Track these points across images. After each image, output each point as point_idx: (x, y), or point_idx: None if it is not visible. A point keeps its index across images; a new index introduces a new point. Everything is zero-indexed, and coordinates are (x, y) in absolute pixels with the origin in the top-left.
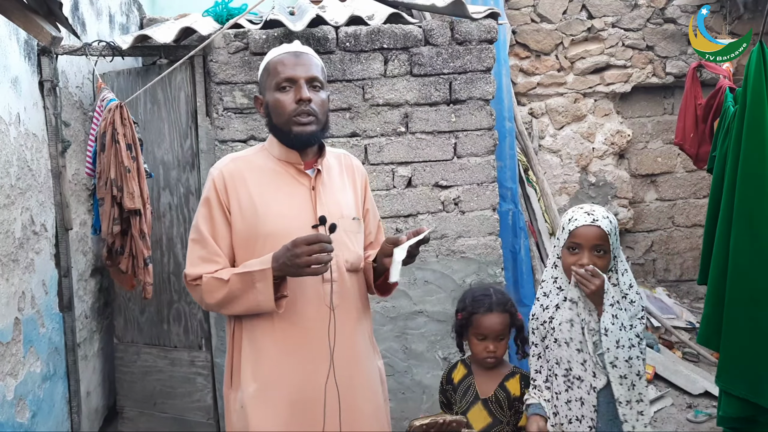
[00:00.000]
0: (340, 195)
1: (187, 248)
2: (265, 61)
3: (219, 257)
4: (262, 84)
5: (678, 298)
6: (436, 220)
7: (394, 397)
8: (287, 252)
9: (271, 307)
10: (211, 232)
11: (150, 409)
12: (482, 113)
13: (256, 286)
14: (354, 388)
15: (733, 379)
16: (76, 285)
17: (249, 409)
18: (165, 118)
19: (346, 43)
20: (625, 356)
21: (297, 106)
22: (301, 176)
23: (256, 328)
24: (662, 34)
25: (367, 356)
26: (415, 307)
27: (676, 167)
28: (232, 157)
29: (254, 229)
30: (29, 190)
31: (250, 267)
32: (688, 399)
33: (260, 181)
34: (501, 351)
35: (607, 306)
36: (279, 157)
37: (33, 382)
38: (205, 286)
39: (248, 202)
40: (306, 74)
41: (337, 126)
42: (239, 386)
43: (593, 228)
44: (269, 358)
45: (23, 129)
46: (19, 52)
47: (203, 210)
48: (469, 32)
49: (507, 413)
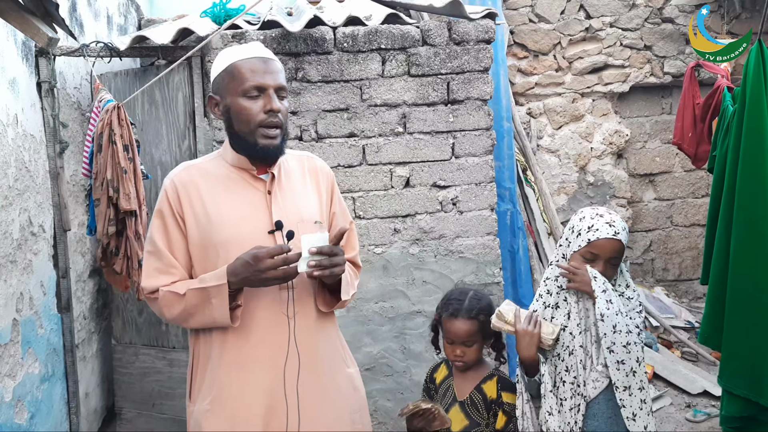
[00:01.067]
0: (300, 198)
1: (143, 260)
2: (228, 61)
3: (175, 268)
4: (222, 86)
5: (677, 298)
6: (434, 220)
7: (393, 397)
8: (249, 267)
9: (226, 322)
10: (166, 244)
11: (148, 410)
12: (480, 113)
13: (211, 302)
14: (315, 396)
15: (735, 379)
16: (74, 286)
17: (204, 426)
18: (163, 118)
19: (344, 43)
20: (622, 341)
21: (266, 116)
22: (255, 181)
23: (213, 340)
24: (660, 34)
25: (331, 363)
26: (413, 307)
27: (675, 167)
28: (185, 165)
29: (209, 238)
30: (27, 191)
31: (206, 282)
32: (687, 398)
33: (213, 188)
34: (470, 356)
35: (599, 292)
36: (232, 163)
37: (31, 384)
38: (162, 301)
39: (202, 210)
40: (275, 83)
41: (334, 126)
42: (197, 400)
43: (615, 242)
44: (224, 371)
45: (21, 130)
46: (17, 54)
47: (156, 221)
48: (466, 32)
49: (484, 415)
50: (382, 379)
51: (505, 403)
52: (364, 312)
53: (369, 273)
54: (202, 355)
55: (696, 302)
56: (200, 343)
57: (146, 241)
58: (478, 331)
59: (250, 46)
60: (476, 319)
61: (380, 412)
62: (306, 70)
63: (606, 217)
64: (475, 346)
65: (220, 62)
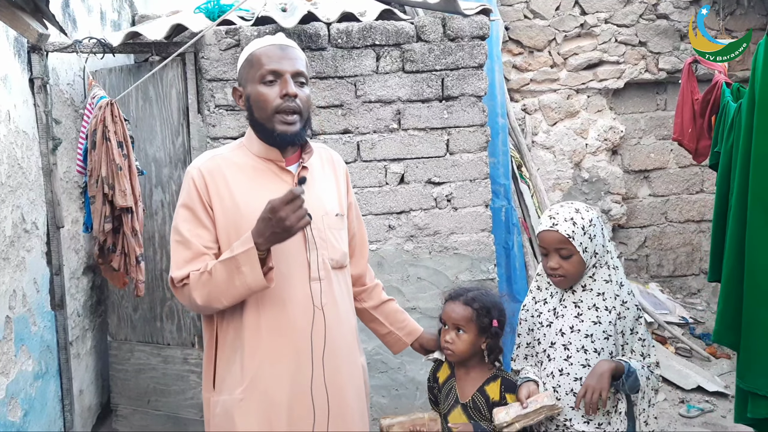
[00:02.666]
0: (323, 191)
1: (171, 251)
2: (248, 52)
3: (205, 255)
4: (243, 75)
5: (671, 294)
6: (428, 217)
7: (388, 394)
8: (270, 221)
9: (261, 284)
10: (195, 232)
11: (144, 406)
12: (475, 110)
13: (242, 270)
14: (342, 387)
15: (760, 379)
16: (68, 283)
17: (236, 415)
18: (157, 115)
19: (338, 39)
20: (596, 347)
21: (282, 101)
22: (283, 173)
23: (244, 330)
24: (655, 30)
25: (352, 354)
26: (408, 303)
27: (669, 163)
28: (211, 155)
29: (238, 228)
30: (20, 188)
31: (233, 251)
32: (681, 394)
33: (241, 179)
34: (458, 346)
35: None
36: (259, 154)
37: (25, 381)
38: (192, 284)
39: (230, 200)
40: (292, 68)
41: (329, 123)
42: (223, 390)
43: (551, 233)
44: (256, 361)
45: (13, 126)
46: (9, 50)
47: (183, 211)
48: (461, 28)
49: (487, 417)
50: (376, 376)
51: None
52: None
53: None
54: (228, 345)
55: (690, 298)
56: (228, 331)
57: (172, 231)
58: (470, 318)
59: (271, 36)
60: (470, 306)
61: (375, 409)
62: None
63: (554, 210)
64: (465, 337)
65: (243, 54)
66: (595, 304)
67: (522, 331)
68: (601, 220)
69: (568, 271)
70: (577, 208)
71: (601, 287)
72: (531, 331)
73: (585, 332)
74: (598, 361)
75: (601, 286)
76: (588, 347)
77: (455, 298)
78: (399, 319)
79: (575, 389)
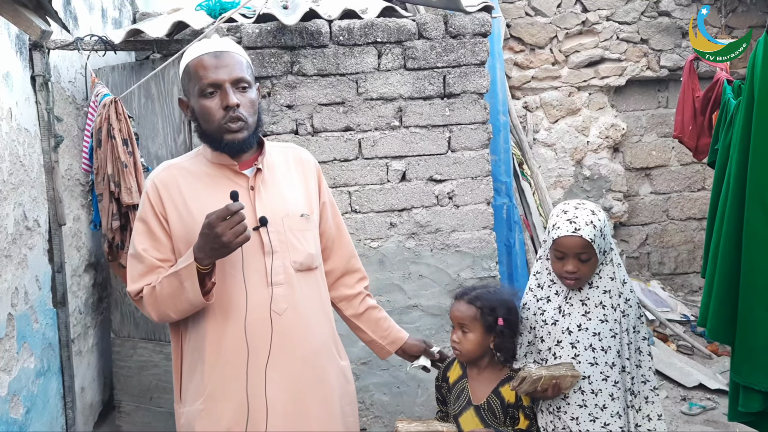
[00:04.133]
0: (286, 191)
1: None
2: (185, 62)
3: (159, 268)
4: (185, 87)
5: (672, 291)
6: (430, 214)
7: (389, 391)
8: (208, 236)
9: (199, 301)
10: (149, 245)
11: (146, 403)
12: (476, 107)
13: (184, 285)
14: (302, 393)
15: (755, 374)
16: (69, 280)
17: (197, 426)
18: (159, 112)
19: (340, 36)
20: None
21: (225, 112)
22: (237, 177)
23: (204, 340)
24: (657, 28)
25: (323, 359)
26: (409, 301)
27: (671, 160)
28: (165, 166)
29: (193, 235)
30: (22, 185)
31: (176, 266)
32: (683, 391)
33: (195, 187)
34: (465, 346)
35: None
36: (212, 160)
37: (27, 378)
38: (145, 299)
39: (184, 208)
40: (230, 76)
41: (330, 120)
42: (186, 401)
43: (575, 239)
44: (216, 371)
45: (15, 124)
46: (11, 47)
47: (139, 225)
48: (462, 26)
49: (501, 420)
50: (378, 373)
51: (526, 407)
52: None
53: (365, 267)
54: (190, 356)
55: (692, 296)
56: (190, 341)
57: (130, 244)
58: (474, 317)
59: (204, 43)
60: (474, 305)
61: (376, 406)
62: (302, 63)
63: (570, 212)
64: (471, 336)
65: (181, 64)
66: (602, 302)
67: (523, 330)
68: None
69: (585, 273)
70: (592, 210)
71: (607, 284)
72: (533, 329)
73: (593, 330)
74: (605, 359)
75: (606, 283)
76: (596, 345)
77: (460, 298)
78: (382, 328)
79: (583, 388)
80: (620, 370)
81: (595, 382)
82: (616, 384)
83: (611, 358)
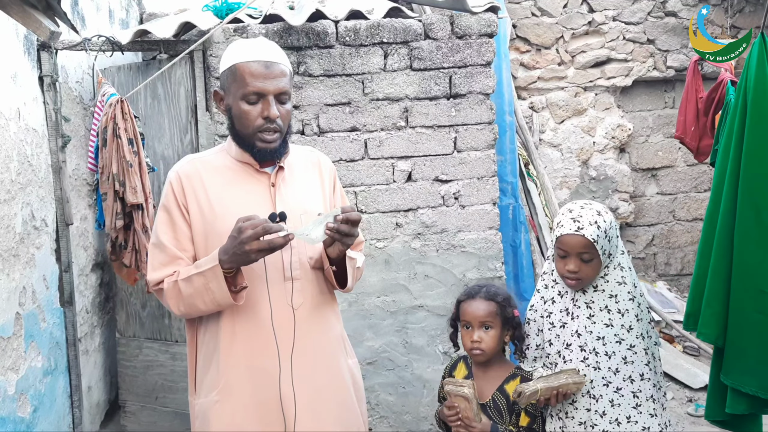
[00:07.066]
0: (304, 191)
1: (148, 253)
2: (231, 61)
3: (180, 259)
4: (225, 84)
5: (679, 292)
6: (436, 215)
7: (395, 391)
8: (234, 240)
9: (229, 303)
10: (171, 236)
11: (152, 403)
12: (482, 107)
13: (210, 286)
14: (315, 388)
15: (744, 377)
16: (76, 280)
17: (211, 417)
18: (165, 113)
19: (346, 37)
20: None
21: (264, 122)
22: (259, 174)
23: (220, 332)
24: (663, 28)
25: (332, 355)
26: (415, 301)
27: (677, 161)
28: (189, 159)
29: (212, 229)
30: (29, 185)
31: (201, 267)
32: (689, 393)
33: (218, 181)
34: (488, 343)
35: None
36: (236, 157)
37: (34, 377)
38: (167, 293)
39: (206, 201)
40: (275, 88)
41: (336, 120)
42: (201, 393)
43: (577, 237)
44: (230, 363)
45: (23, 124)
46: (19, 48)
47: (162, 214)
48: (469, 26)
49: (506, 418)
50: (383, 373)
51: (529, 404)
52: (365, 306)
53: (371, 267)
54: (205, 348)
55: None
56: (206, 335)
57: (152, 233)
58: (496, 313)
59: (255, 46)
60: (494, 300)
61: (382, 406)
62: (308, 64)
63: (575, 211)
64: (492, 332)
65: (225, 59)
66: (607, 306)
67: (531, 332)
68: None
69: (587, 274)
70: (597, 210)
71: (614, 289)
72: (540, 332)
73: (597, 334)
74: (608, 365)
75: (614, 287)
76: (599, 350)
77: (473, 297)
78: None
79: (591, 392)
80: (626, 377)
81: (597, 387)
82: (619, 390)
83: (615, 364)
